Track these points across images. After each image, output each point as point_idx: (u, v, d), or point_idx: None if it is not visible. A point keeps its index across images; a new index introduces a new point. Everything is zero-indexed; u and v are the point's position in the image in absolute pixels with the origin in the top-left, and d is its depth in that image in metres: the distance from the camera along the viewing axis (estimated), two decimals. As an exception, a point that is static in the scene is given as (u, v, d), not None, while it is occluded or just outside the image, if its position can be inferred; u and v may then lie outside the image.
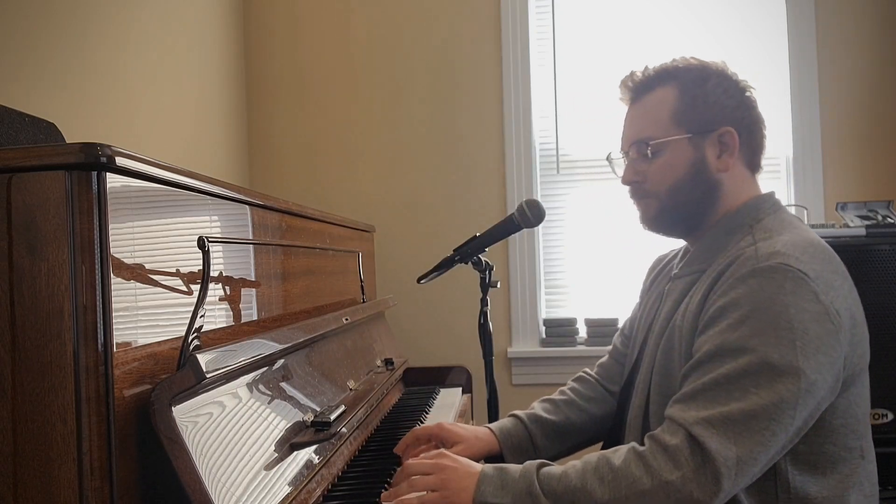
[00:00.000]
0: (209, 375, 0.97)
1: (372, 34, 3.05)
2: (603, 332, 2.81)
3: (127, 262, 0.91)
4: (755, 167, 1.34)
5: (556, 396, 1.59)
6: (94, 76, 2.01)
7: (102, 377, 0.86)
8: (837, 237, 2.22)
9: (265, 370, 1.23)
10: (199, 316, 1.02)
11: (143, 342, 0.94)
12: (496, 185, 2.98)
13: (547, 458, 1.50)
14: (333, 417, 1.33)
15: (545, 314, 3.01)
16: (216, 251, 1.16)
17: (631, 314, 1.60)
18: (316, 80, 3.08)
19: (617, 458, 1.12)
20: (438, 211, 3.00)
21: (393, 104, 3.04)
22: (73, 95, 1.91)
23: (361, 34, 3.06)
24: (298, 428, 1.25)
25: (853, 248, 2.21)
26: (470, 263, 1.76)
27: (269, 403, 1.19)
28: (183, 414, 0.94)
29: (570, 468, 1.13)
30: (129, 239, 0.92)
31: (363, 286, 2.26)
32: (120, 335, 0.88)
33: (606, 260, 2.94)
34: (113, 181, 0.88)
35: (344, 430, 1.41)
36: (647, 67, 1.35)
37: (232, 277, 1.23)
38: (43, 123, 1.46)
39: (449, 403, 2.16)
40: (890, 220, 2.40)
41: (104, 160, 0.85)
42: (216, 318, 1.17)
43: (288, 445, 1.19)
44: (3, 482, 0.84)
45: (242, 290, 1.28)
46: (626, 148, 1.36)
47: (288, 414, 1.25)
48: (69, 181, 0.84)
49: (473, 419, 2.40)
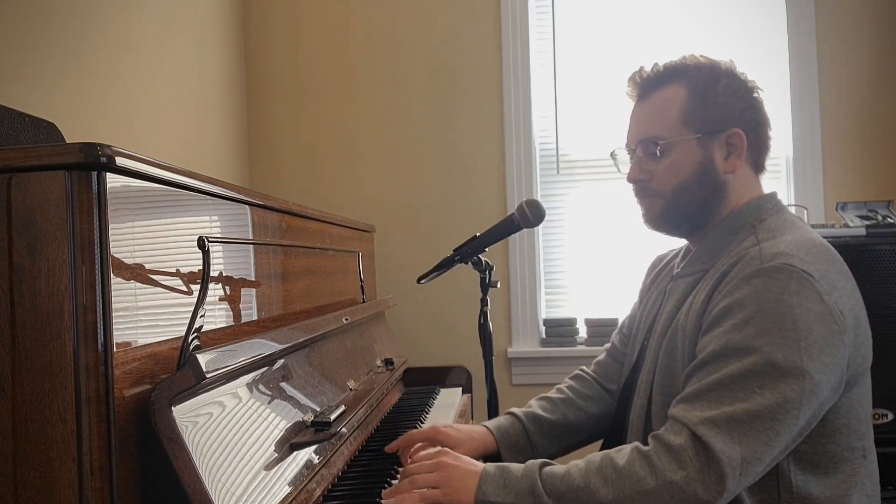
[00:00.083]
0: (209, 375, 0.97)
1: (372, 34, 3.05)
2: (603, 332, 2.81)
3: (127, 262, 0.91)
4: (759, 168, 1.34)
5: (553, 395, 1.59)
6: (94, 76, 2.00)
7: (102, 377, 0.85)
8: (837, 237, 2.22)
9: (265, 370, 1.23)
10: (199, 316, 1.01)
11: (143, 342, 0.94)
12: (496, 185, 2.98)
13: (544, 456, 1.50)
14: (333, 417, 1.33)
15: (545, 314, 3.01)
16: (216, 251, 1.16)
17: (630, 312, 1.60)
18: (316, 80, 3.08)
19: (620, 457, 1.12)
20: (438, 211, 3.00)
21: (393, 104, 3.04)
22: (73, 95, 1.91)
23: (361, 34, 3.06)
24: (298, 428, 1.25)
25: (853, 248, 2.21)
26: (470, 263, 1.76)
27: (269, 403, 1.19)
28: (183, 414, 0.94)
29: (572, 468, 1.13)
30: (129, 239, 0.92)
31: (363, 286, 2.26)
32: (120, 335, 0.88)
33: (606, 260, 2.94)
34: (113, 181, 0.88)
35: (344, 430, 1.41)
36: (656, 64, 1.34)
37: (232, 277, 1.23)
38: (43, 123, 1.46)
39: (449, 403, 2.16)
40: (890, 220, 2.40)
41: (104, 160, 0.85)
42: (216, 318, 1.17)
43: (288, 445, 1.19)
44: (3, 482, 0.84)
45: (242, 290, 1.28)
46: (632, 145, 1.35)
47: (288, 414, 1.25)
48: (69, 181, 0.84)
49: (473, 419, 2.40)
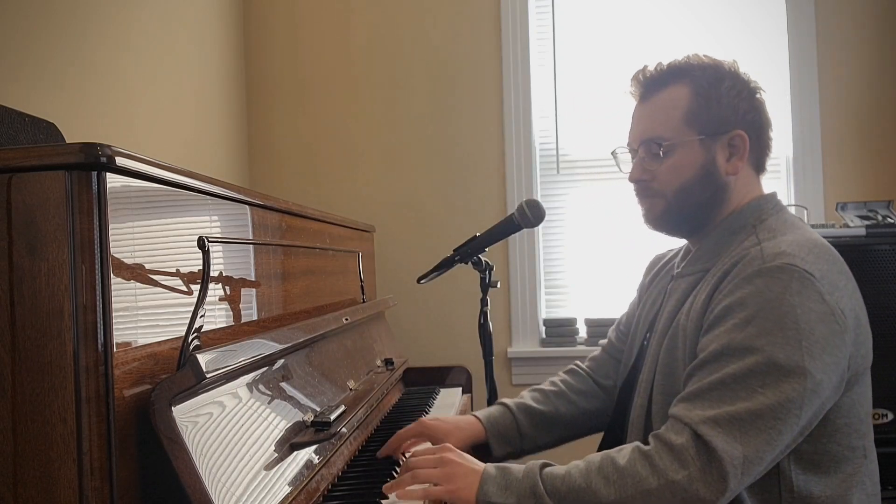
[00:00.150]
0: (209, 375, 0.97)
1: (372, 34, 3.05)
2: (603, 332, 2.78)
3: (127, 262, 0.91)
4: (760, 168, 1.34)
5: (546, 387, 1.59)
6: (94, 76, 2.00)
7: (102, 377, 0.85)
8: (837, 237, 2.22)
9: (265, 370, 1.23)
10: (199, 316, 1.01)
11: (143, 342, 0.94)
12: (496, 185, 2.98)
13: (533, 447, 1.52)
14: (333, 417, 1.33)
15: (545, 314, 3.00)
16: (216, 251, 1.16)
17: (628, 310, 1.60)
18: (316, 80, 3.08)
19: (621, 457, 1.12)
20: (438, 211, 3.00)
21: (393, 104, 3.04)
22: (73, 95, 1.91)
23: (361, 34, 3.06)
24: (298, 428, 1.25)
25: (853, 248, 2.21)
26: (470, 263, 1.76)
27: (269, 403, 1.19)
28: (183, 414, 0.94)
29: (573, 468, 1.13)
30: (129, 239, 0.92)
31: (363, 286, 2.26)
32: (120, 335, 0.88)
33: (606, 260, 2.94)
34: (113, 181, 0.88)
35: (344, 430, 1.41)
36: (660, 63, 1.34)
37: (232, 277, 1.23)
38: (43, 123, 1.46)
39: (449, 403, 2.16)
40: (890, 220, 2.40)
41: (104, 160, 0.85)
42: (216, 318, 1.17)
43: (288, 445, 1.19)
44: (3, 482, 0.84)
45: (242, 290, 1.28)
46: (634, 145, 1.35)
47: (288, 414, 1.25)
48: (69, 181, 0.84)
49: (473, 419, 2.39)
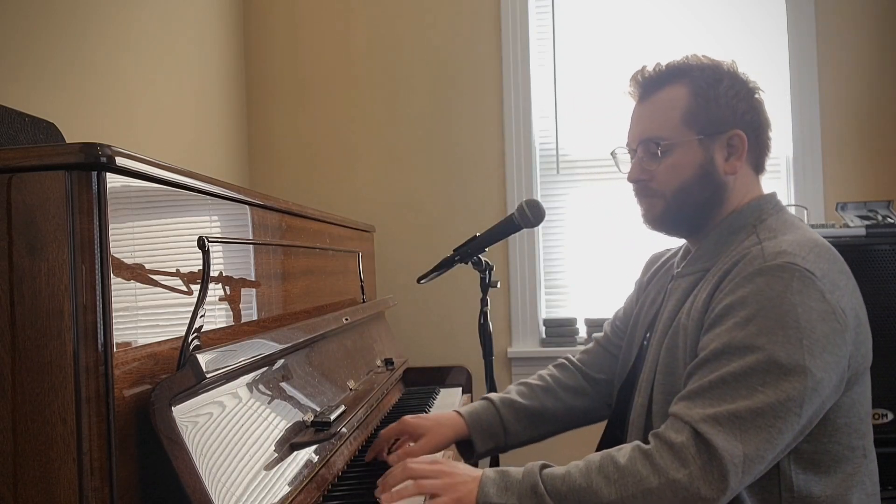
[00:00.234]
0: (209, 375, 0.97)
1: (372, 34, 3.05)
2: (603, 332, 2.80)
3: (127, 262, 0.91)
4: (760, 168, 1.34)
5: (533, 381, 1.58)
6: (94, 76, 2.01)
7: (102, 377, 0.85)
8: (837, 237, 2.22)
9: (265, 370, 1.23)
10: (199, 316, 1.01)
11: (143, 342, 0.94)
12: (496, 185, 2.98)
13: (517, 443, 1.52)
14: (333, 417, 1.33)
15: (545, 314, 3.00)
16: (216, 251, 1.16)
17: (624, 304, 1.59)
18: (316, 80, 3.08)
19: (622, 456, 1.11)
20: (438, 211, 3.00)
21: (392, 104, 3.04)
22: (73, 95, 1.91)
23: (361, 34, 3.06)
24: (298, 428, 1.25)
25: (853, 248, 2.21)
26: (470, 263, 1.76)
27: (269, 403, 1.19)
28: (183, 414, 0.94)
29: (573, 468, 1.13)
30: (129, 239, 0.92)
31: (363, 286, 2.26)
32: (120, 335, 0.88)
33: (606, 260, 2.94)
34: (113, 181, 0.88)
35: (344, 430, 1.41)
36: (659, 63, 1.34)
37: (232, 277, 1.23)
38: (43, 123, 1.46)
39: (449, 403, 2.16)
40: (890, 220, 2.40)
41: (104, 160, 0.85)
42: (216, 318, 1.17)
43: (288, 445, 1.19)
44: (3, 482, 0.84)
45: (242, 290, 1.28)
46: (633, 145, 1.35)
47: (288, 414, 1.25)
48: (69, 181, 0.84)
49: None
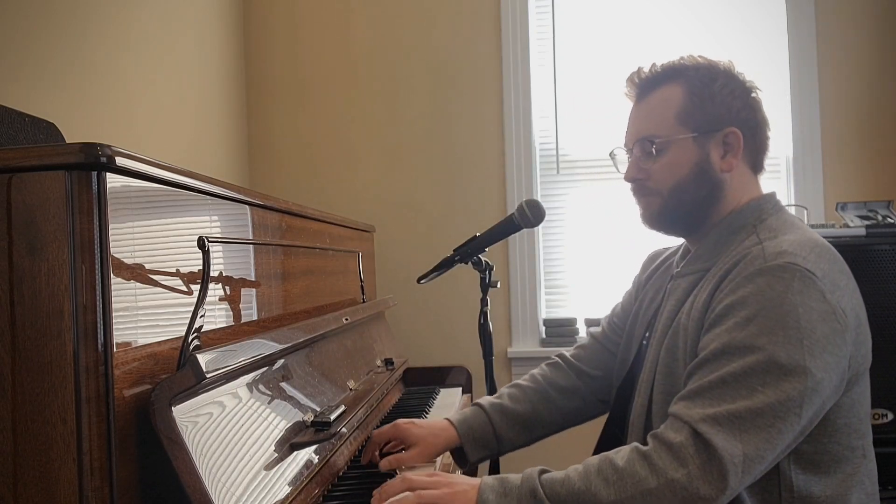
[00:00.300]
0: (209, 375, 0.97)
1: (372, 34, 3.05)
2: (603, 332, 2.80)
3: (127, 262, 0.91)
4: (758, 168, 1.34)
5: (525, 383, 1.58)
6: (94, 76, 2.01)
7: (102, 377, 0.85)
8: (837, 237, 2.22)
9: (265, 370, 1.23)
10: (199, 316, 1.02)
11: (143, 342, 0.94)
12: (496, 185, 2.98)
13: (510, 448, 1.52)
14: (333, 417, 1.33)
15: (545, 314, 3.01)
16: (216, 251, 1.16)
17: (622, 300, 1.59)
18: (316, 80, 3.08)
19: (620, 458, 1.11)
20: (438, 211, 3.00)
21: (392, 104, 3.04)
22: (73, 95, 1.91)
23: (361, 34, 3.06)
24: (298, 428, 1.25)
25: (853, 248, 2.21)
26: (470, 263, 1.76)
27: (269, 403, 1.19)
28: (183, 414, 0.94)
29: (571, 472, 1.12)
30: (129, 239, 0.92)
31: (363, 286, 2.26)
32: (120, 335, 0.88)
33: (606, 260, 2.94)
34: (113, 181, 0.88)
35: (344, 430, 1.41)
36: (654, 64, 1.35)
37: (232, 277, 1.23)
38: (43, 123, 1.46)
39: (449, 403, 2.16)
40: (890, 220, 2.40)
41: (104, 160, 0.85)
42: (216, 318, 1.17)
43: (288, 445, 1.19)
44: (3, 482, 0.84)
45: (242, 290, 1.28)
46: (630, 145, 1.36)
47: (288, 414, 1.25)
48: (69, 181, 0.84)
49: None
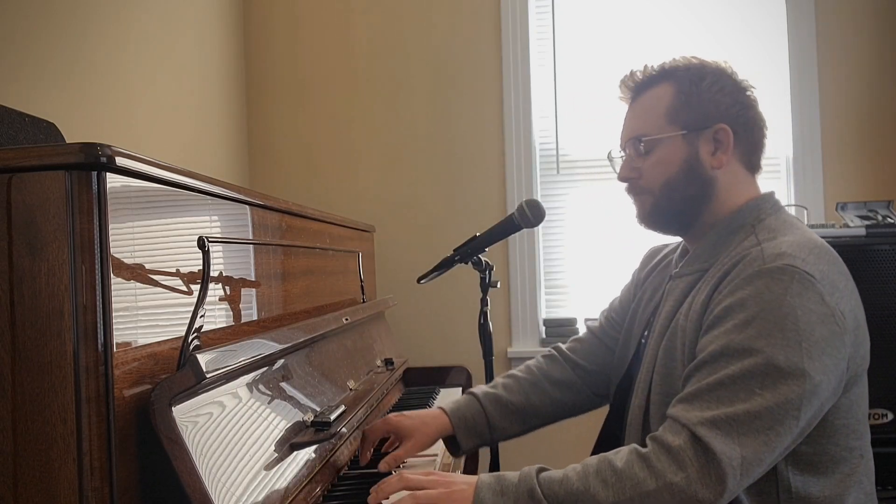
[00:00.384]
0: (209, 375, 0.97)
1: (372, 34, 3.05)
2: (603, 332, 2.80)
3: (127, 262, 0.91)
4: (753, 167, 1.34)
5: (521, 374, 1.58)
6: (94, 76, 2.01)
7: (102, 377, 0.85)
8: (837, 237, 2.22)
9: (265, 370, 1.23)
10: (199, 316, 1.02)
11: (143, 342, 0.94)
12: (496, 185, 2.98)
13: (502, 438, 1.54)
14: (333, 417, 1.33)
15: (545, 314, 3.01)
16: (216, 251, 1.16)
17: (620, 295, 1.59)
18: (316, 80, 3.08)
19: (619, 459, 1.11)
20: (438, 211, 3.00)
21: (393, 104, 3.04)
22: (73, 95, 1.91)
23: (361, 34, 3.06)
24: (298, 428, 1.25)
25: (853, 248, 2.21)
26: (470, 263, 1.76)
27: (269, 403, 1.19)
28: (183, 414, 0.94)
29: (570, 471, 1.12)
30: (129, 239, 0.92)
31: (363, 286, 2.26)
32: (120, 335, 0.88)
33: (606, 260, 2.94)
34: (113, 181, 0.88)
35: (344, 429, 1.41)
36: (646, 66, 1.36)
37: (232, 277, 1.23)
38: (43, 123, 1.46)
39: (449, 403, 2.15)
40: (890, 220, 2.41)
41: (104, 160, 0.85)
42: (216, 318, 1.17)
43: (288, 445, 1.19)
44: (3, 482, 0.84)
45: (242, 290, 1.28)
46: (623, 146, 1.38)
47: (288, 414, 1.25)
48: (69, 181, 0.84)
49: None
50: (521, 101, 2.97)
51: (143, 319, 0.94)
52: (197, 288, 1.06)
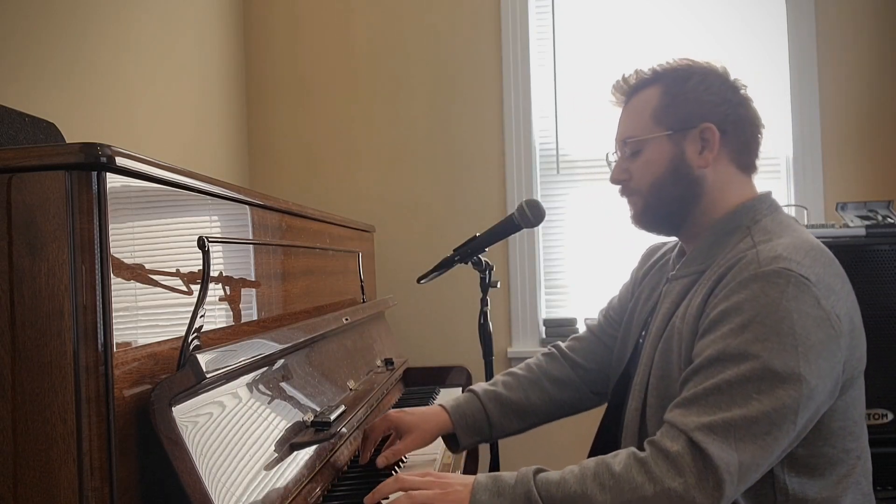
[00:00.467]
0: (209, 375, 0.97)
1: (372, 34, 3.05)
2: (603, 332, 2.80)
3: (127, 262, 0.91)
4: (747, 166, 1.33)
5: (521, 372, 1.59)
6: (94, 76, 2.01)
7: (102, 377, 0.86)
8: (837, 237, 2.22)
9: (265, 370, 1.23)
10: (199, 316, 1.02)
11: (143, 342, 0.94)
12: (496, 185, 2.98)
13: (501, 435, 1.54)
14: (333, 417, 1.33)
15: (545, 314, 3.01)
16: (216, 251, 1.16)
17: (619, 293, 1.60)
18: (316, 80, 3.08)
19: (617, 463, 1.11)
20: (438, 211, 3.00)
21: (393, 104, 3.04)
22: (73, 95, 1.91)
23: (361, 34, 3.06)
24: (298, 428, 1.25)
25: (853, 248, 2.21)
26: (470, 263, 1.76)
27: (269, 403, 1.20)
28: (183, 414, 0.94)
29: (567, 474, 1.12)
30: (129, 239, 0.92)
31: (363, 286, 2.26)
32: (120, 335, 0.88)
33: (606, 260, 2.94)
34: (113, 181, 0.88)
35: (344, 430, 1.41)
36: (636, 70, 1.37)
37: (232, 277, 1.23)
38: (43, 123, 1.46)
39: (449, 403, 2.15)
40: (890, 220, 2.41)
41: (104, 160, 0.85)
42: (216, 318, 1.17)
43: (288, 445, 1.19)
44: (3, 482, 0.84)
45: (242, 290, 1.28)
46: (615, 149, 1.40)
47: (288, 414, 1.25)
48: (69, 181, 0.84)
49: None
50: (521, 101, 2.97)
51: (143, 319, 0.94)
52: (197, 288, 1.06)
